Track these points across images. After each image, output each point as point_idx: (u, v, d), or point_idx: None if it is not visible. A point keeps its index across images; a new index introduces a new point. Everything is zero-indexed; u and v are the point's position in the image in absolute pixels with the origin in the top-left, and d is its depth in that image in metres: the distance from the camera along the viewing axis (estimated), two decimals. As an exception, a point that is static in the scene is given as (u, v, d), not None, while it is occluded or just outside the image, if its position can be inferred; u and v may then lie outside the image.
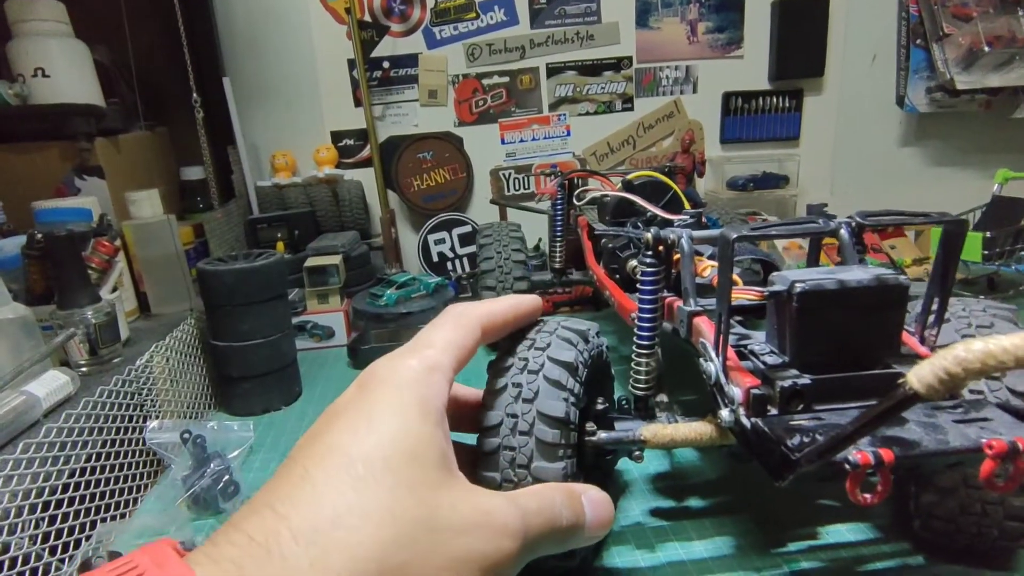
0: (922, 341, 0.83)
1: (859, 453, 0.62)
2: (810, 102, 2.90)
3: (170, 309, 1.83)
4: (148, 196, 1.83)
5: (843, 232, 0.89)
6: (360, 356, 1.95)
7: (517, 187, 2.80)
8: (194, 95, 1.98)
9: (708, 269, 0.98)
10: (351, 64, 2.58)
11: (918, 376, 0.49)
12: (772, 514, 1.13)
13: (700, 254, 1.11)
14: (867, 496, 0.63)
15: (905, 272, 2.18)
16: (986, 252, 2.02)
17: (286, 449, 1.50)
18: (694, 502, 1.19)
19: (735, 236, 0.72)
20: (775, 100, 2.88)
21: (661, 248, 0.96)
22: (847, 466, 0.62)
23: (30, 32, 1.80)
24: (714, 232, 0.91)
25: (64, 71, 1.84)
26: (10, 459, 0.94)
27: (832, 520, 1.11)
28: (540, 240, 2.63)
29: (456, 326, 0.57)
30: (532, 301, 0.78)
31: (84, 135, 1.85)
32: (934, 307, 0.84)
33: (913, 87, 2.82)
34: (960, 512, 0.88)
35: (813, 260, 0.95)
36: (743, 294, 0.84)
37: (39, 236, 1.45)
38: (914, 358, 0.79)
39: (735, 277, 0.87)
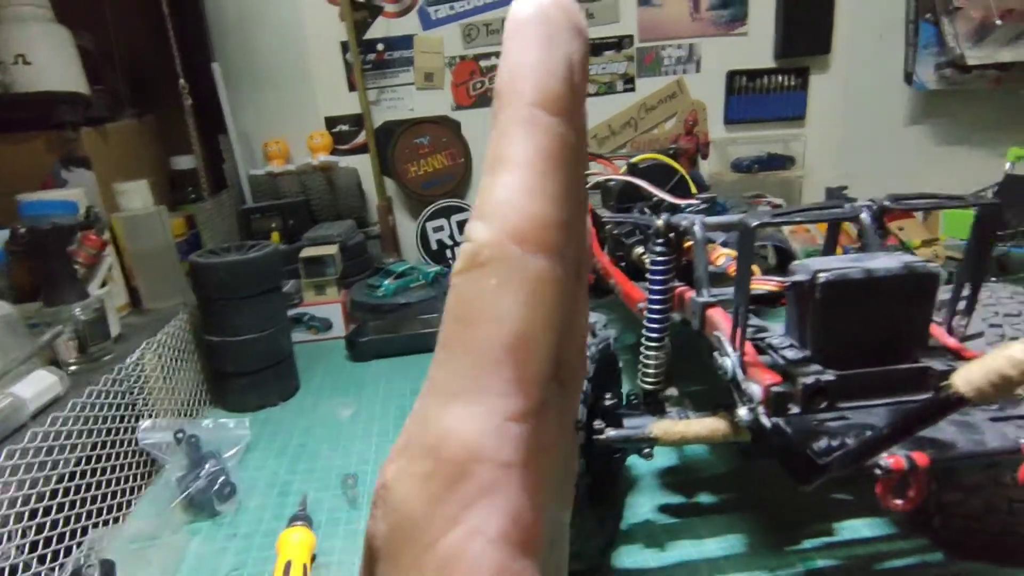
0: (950, 332, 0.78)
1: (891, 457, 0.58)
2: (816, 80, 2.83)
3: (163, 304, 1.79)
4: (137, 187, 1.78)
5: (864, 216, 0.84)
6: (358, 348, 1.91)
7: (516, 172, 2.72)
8: (181, 81, 1.92)
9: (722, 258, 0.93)
10: (344, 47, 2.51)
11: (966, 379, 0.44)
12: (785, 510, 1.10)
13: (712, 241, 1.06)
14: (899, 502, 0.59)
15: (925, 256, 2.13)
16: (998, 232, 1.97)
17: (283, 446, 1.46)
18: (704, 498, 1.15)
19: (756, 224, 0.67)
20: (780, 79, 2.81)
21: (672, 236, 0.91)
22: (878, 471, 0.58)
23: (9, 18, 1.73)
24: (731, 218, 0.86)
25: (46, 57, 1.77)
26: (-8, 466, 0.91)
27: (847, 515, 1.07)
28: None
29: None
30: None
31: (70, 124, 1.78)
32: (963, 294, 0.79)
33: (922, 64, 2.75)
34: (986, 510, 0.84)
35: (831, 247, 0.90)
36: (761, 284, 0.79)
37: (23, 231, 1.40)
38: (943, 351, 0.75)
39: (753, 267, 0.82)
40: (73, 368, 1.34)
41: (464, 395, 0.15)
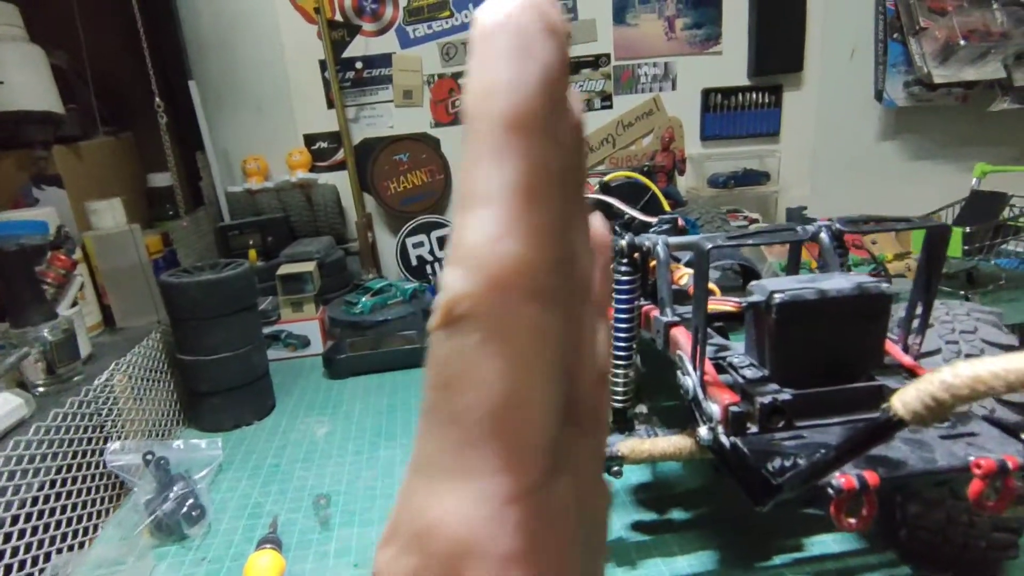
0: (905, 349, 0.80)
1: (843, 477, 0.59)
2: (789, 98, 2.89)
3: (136, 322, 1.77)
4: (110, 205, 1.76)
5: (823, 236, 0.85)
6: (335, 365, 1.90)
7: (496, 188, 2.74)
8: (156, 100, 1.91)
9: (684, 277, 0.95)
10: (323, 65, 2.52)
11: (903, 401, 0.45)
12: (756, 525, 1.11)
13: (677, 260, 1.07)
14: (852, 521, 0.60)
15: (888, 272, 2.17)
16: (966, 247, 2.01)
17: (257, 466, 1.44)
18: (677, 514, 1.16)
19: (710, 246, 0.69)
20: (755, 96, 2.86)
21: (636, 255, 0.93)
22: (830, 491, 0.59)
23: (-18, 37, 1.72)
24: (692, 238, 0.87)
25: (19, 77, 1.76)
26: (-50, 494, 0.89)
27: (817, 530, 1.08)
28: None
29: None
30: None
31: (41, 143, 1.77)
32: (918, 312, 0.81)
33: (891, 81, 2.82)
34: (947, 523, 0.85)
35: (793, 267, 0.92)
36: (720, 304, 0.80)
37: (-10, 251, 1.38)
38: (898, 368, 0.76)
39: (712, 286, 0.84)
40: (41, 389, 1.32)
41: (452, 475, 0.13)
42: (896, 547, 1.00)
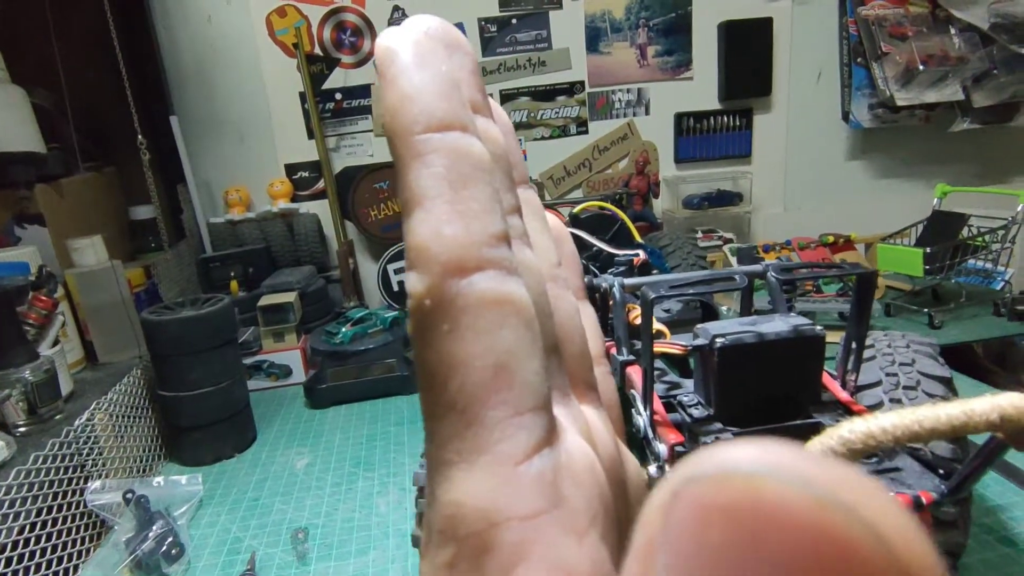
0: (843, 385, 0.85)
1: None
2: (760, 120, 2.97)
3: (118, 357, 1.79)
4: (92, 243, 1.79)
5: (771, 277, 0.91)
6: (316, 395, 1.93)
7: (476, 212, 2.79)
8: (139, 138, 1.95)
9: (639, 318, 0.99)
10: (303, 97, 2.57)
11: (814, 446, 0.50)
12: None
13: (636, 297, 1.12)
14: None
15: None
16: (927, 267, 2.09)
17: (237, 501, 1.47)
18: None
19: (653, 296, 0.74)
20: (726, 119, 2.94)
21: (597, 295, 0.97)
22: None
23: (-38, 80, 1.75)
24: (642, 281, 0.92)
25: (0, 119, 1.79)
26: (-69, 542, 0.91)
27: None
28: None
29: None
30: None
31: (23, 183, 1.80)
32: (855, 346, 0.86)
33: (857, 104, 2.91)
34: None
35: (746, 308, 0.97)
36: (667, 347, 0.85)
37: (-29, 294, 1.41)
38: (835, 404, 0.82)
39: (662, 328, 0.89)
40: (22, 430, 1.35)
41: (460, 461, 0.13)
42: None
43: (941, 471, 0.67)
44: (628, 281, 0.93)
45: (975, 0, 2.73)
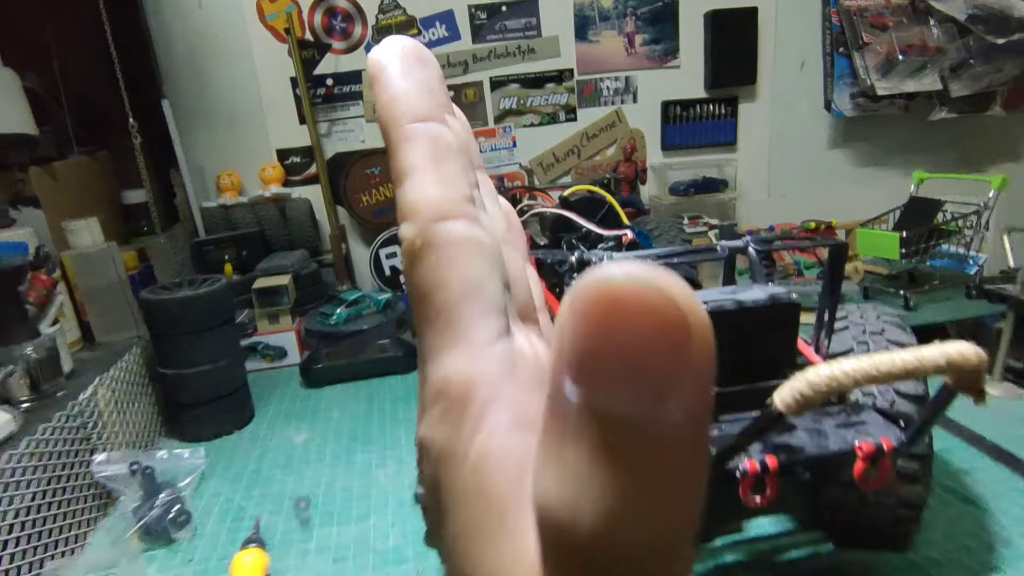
0: (817, 350, 0.91)
1: (748, 461, 0.69)
2: (745, 109, 3.03)
3: (116, 337, 1.82)
4: (87, 225, 1.81)
5: (751, 251, 0.97)
6: (312, 375, 1.97)
7: (467, 198, 2.82)
8: (130, 121, 1.96)
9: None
10: (294, 82, 2.58)
11: (780, 397, 0.56)
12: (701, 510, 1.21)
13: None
14: (758, 499, 0.71)
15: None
16: (903, 251, 2.16)
17: (238, 473, 1.51)
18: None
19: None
20: (712, 107, 3.00)
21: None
22: (738, 474, 0.70)
23: (-44, 62, 1.76)
24: (631, 254, 0.97)
25: (-7, 100, 1.80)
26: (-50, 505, 0.95)
27: (756, 513, 1.19)
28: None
29: None
30: None
31: (17, 165, 1.81)
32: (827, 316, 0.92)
33: (839, 93, 2.98)
34: (859, 504, 0.97)
35: (727, 279, 1.03)
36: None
37: (-28, 273, 1.43)
38: (809, 366, 0.88)
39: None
40: (26, 405, 1.38)
41: (446, 347, 0.17)
42: (820, 528, 1.11)
43: (901, 423, 0.74)
44: (617, 256, 0.99)
45: (953, -8, 2.80)
